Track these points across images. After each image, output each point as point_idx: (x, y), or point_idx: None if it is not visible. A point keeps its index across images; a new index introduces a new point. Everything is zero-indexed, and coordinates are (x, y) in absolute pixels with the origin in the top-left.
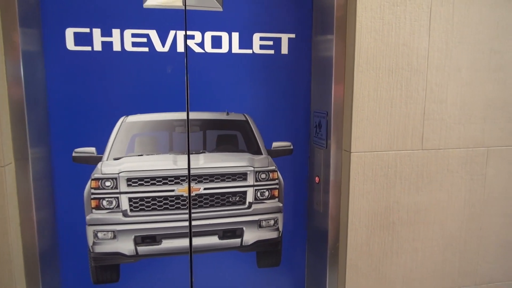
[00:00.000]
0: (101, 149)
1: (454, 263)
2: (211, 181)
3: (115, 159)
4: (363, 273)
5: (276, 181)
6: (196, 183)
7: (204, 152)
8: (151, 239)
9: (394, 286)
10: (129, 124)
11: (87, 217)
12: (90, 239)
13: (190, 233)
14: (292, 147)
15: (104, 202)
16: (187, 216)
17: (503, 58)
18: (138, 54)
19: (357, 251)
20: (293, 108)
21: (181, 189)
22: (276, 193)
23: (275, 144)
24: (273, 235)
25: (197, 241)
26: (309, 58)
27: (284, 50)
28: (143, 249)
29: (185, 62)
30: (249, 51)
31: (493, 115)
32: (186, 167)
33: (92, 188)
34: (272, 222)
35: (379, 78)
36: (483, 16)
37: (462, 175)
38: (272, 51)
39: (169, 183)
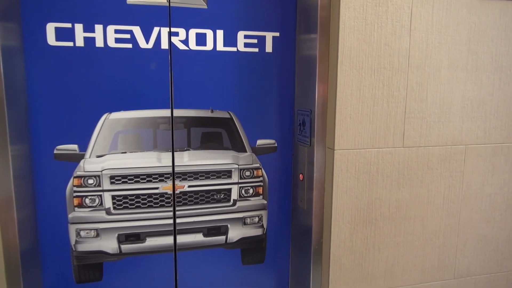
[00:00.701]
0: (83, 146)
1: (433, 257)
2: (196, 178)
3: (98, 156)
4: (346, 268)
5: (261, 179)
6: (180, 180)
7: (189, 150)
8: (135, 237)
9: (376, 280)
10: (112, 121)
11: (70, 216)
12: (73, 238)
13: (175, 231)
14: (276, 145)
15: (87, 200)
16: (171, 213)
17: (479, 58)
18: (121, 50)
19: (340, 247)
20: (277, 106)
21: (165, 187)
22: (260, 190)
23: (260, 142)
24: (257, 232)
25: (182, 239)
26: (293, 56)
27: (269, 48)
28: (126, 247)
29: (169, 59)
30: (234, 49)
31: (471, 114)
32: (171, 164)
33: (74, 186)
34: (256, 219)
35: (362, 77)
36: (461, 18)
37: (442, 171)
38: (256, 49)
39: (153, 180)
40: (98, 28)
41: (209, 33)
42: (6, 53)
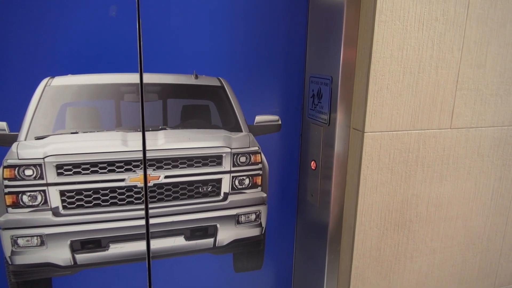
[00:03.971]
0: (15, 125)
1: (474, 264)
2: (175, 166)
3: (38, 138)
4: (371, 283)
5: (259, 166)
6: (154, 169)
7: (165, 129)
8: (94, 244)
9: None
10: (55, 89)
11: (1, 219)
12: (7, 248)
13: (148, 234)
14: (280, 122)
15: (25, 198)
16: (143, 212)
17: None
18: None
19: (365, 257)
20: (282, 71)
21: (134, 178)
22: (258, 180)
23: (259, 118)
24: (254, 232)
25: (157, 244)
26: (305, 4)
27: None
28: (83, 257)
29: (137, 0)
30: None
31: None
32: (141, 148)
33: (5, 179)
34: (253, 216)
35: (406, 31)
36: None
37: (494, 159)
38: None
39: (118, 170)
40: None
41: None
42: None
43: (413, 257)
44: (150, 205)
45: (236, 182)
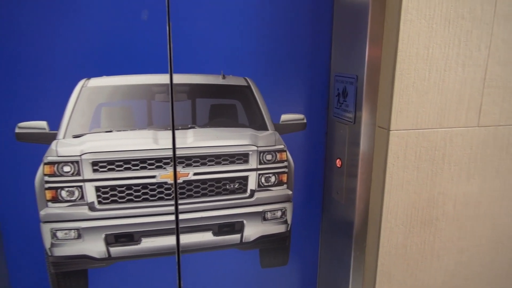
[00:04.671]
0: (55, 124)
1: (503, 264)
2: (203, 164)
3: (75, 136)
4: (397, 280)
5: (285, 164)
6: (183, 167)
7: (194, 127)
8: (127, 238)
9: None
10: (91, 90)
11: (41, 213)
12: (47, 240)
13: (177, 229)
14: (305, 121)
15: (63, 193)
16: (173, 208)
17: None
18: None
19: (391, 255)
20: (307, 71)
21: (164, 175)
22: (284, 178)
23: (284, 117)
24: (280, 229)
25: (186, 239)
26: (330, 3)
27: None
28: (117, 250)
29: (167, 4)
30: None
31: None
32: (171, 146)
33: (45, 175)
34: (279, 213)
35: (432, 30)
36: None
37: None
38: None
39: (149, 167)
40: None
41: None
42: None
43: (440, 255)
44: (179, 201)
45: (262, 180)
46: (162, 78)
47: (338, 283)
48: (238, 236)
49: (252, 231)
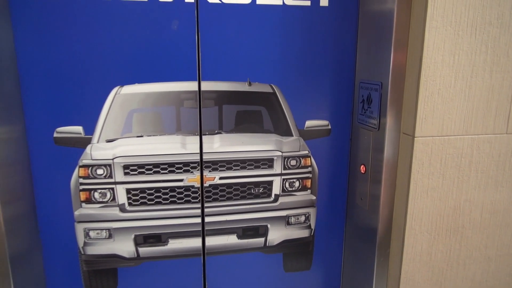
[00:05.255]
0: (90, 129)
1: None
2: (229, 169)
3: (108, 141)
4: None
5: (309, 169)
6: (210, 171)
7: (220, 133)
8: (155, 238)
9: None
10: (124, 97)
11: (76, 213)
12: (81, 239)
13: (203, 232)
14: (330, 127)
15: (96, 194)
16: (199, 211)
17: None
18: (135, 4)
19: (415, 262)
20: (332, 77)
21: (191, 179)
22: (308, 183)
23: (309, 123)
24: (303, 234)
25: (212, 241)
26: (355, 11)
27: (324, 1)
28: (145, 250)
29: (196, 16)
30: (279, 2)
31: None
32: (198, 151)
33: (80, 177)
34: (302, 218)
35: (458, 36)
36: None
37: None
38: (308, 2)
39: (177, 171)
40: None
41: None
42: None
43: (466, 264)
44: (205, 204)
45: (287, 185)
46: (190, 86)
47: (361, 287)
48: (262, 239)
49: (276, 235)
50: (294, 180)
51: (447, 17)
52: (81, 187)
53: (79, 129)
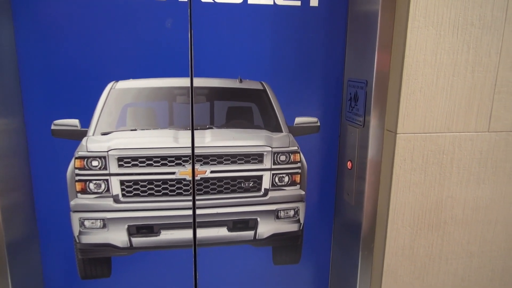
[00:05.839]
0: (86, 122)
1: None
2: (220, 162)
3: (103, 133)
4: (403, 281)
5: (298, 165)
6: (201, 165)
7: (212, 128)
8: (147, 229)
9: None
10: (119, 92)
11: (71, 203)
12: (76, 228)
13: (194, 224)
14: (319, 124)
15: (91, 185)
16: (190, 203)
17: None
18: (130, 3)
19: (397, 256)
20: (321, 76)
21: (183, 172)
22: (297, 178)
23: (299, 120)
24: (292, 227)
25: (203, 233)
26: (344, 12)
27: (314, 1)
28: (138, 240)
29: (189, 14)
30: (270, 2)
31: None
32: (190, 145)
33: (76, 168)
34: (292, 212)
35: (440, 36)
36: None
37: None
38: (298, 2)
39: (169, 164)
40: None
41: None
42: None
43: (449, 259)
44: (197, 197)
45: (276, 179)
46: (183, 82)
47: (347, 282)
48: (251, 232)
49: (265, 228)
50: (284, 175)
51: (429, 18)
52: (77, 178)
53: (75, 122)
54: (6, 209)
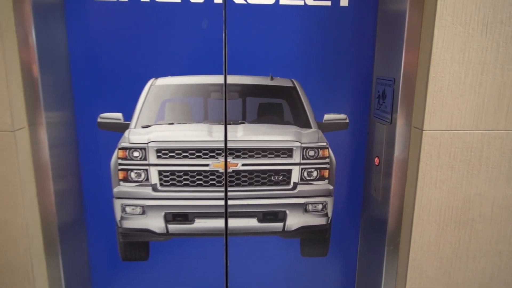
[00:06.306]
0: (128, 115)
1: None
2: (251, 156)
3: (144, 127)
4: (429, 276)
5: (327, 160)
6: (233, 158)
7: (244, 123)
8: (182, 217)
9: None
10: (158, 88)
11: (114, 190)
12: (118, 213)
13: (226, 214)
14: (347, 121)
15: (132, 174)
16: (222, 194)
17: None
18: (169, 6)
19: (422, 251)
20: (351, 74)
21: (216, 164)
22: (326, 173)
23: (328, 117)
24: (320, 221)
25: (234, 223)
26: (374, 12)
27: (344, 1)
28: (174, 227)
29: (224, 15)
30: (301, 2)
31: None
32: (223, 139)
33: (119, 158)
34: (320, 206)
35: (469, 35)
36: None
37: None
38: (328, 3)
39: (203, 156)
40: None
41: None
42: (40, 11)
43: (476, 257)
44: (229, 188)
45: (305, 174)
46: (217, 79)
47: (374, 276)
48: (280, 224)
49: (294, 221)
50: (312, 169)
51: (457, 16)
52: (120, 167)
53: (119, 115)
54: (59, 194)
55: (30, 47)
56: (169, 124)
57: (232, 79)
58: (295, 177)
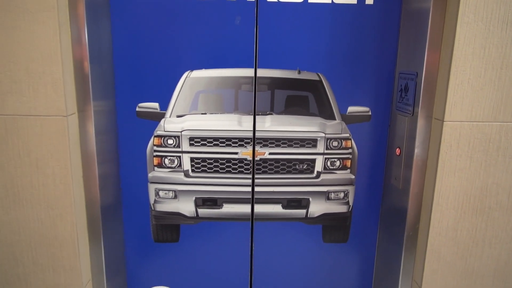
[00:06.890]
0: (165, 105)
1: None
2: (277, 145)
3: (178, 116)
4: (446, 261)
5: (349, 150)
6: (261, 147)
7: (271, 114)
8: (212, 202)
9: (483, 279)
10: (193, 80)
11: (149, 175)
12: (152, 197)
13: (253, 200)
14: (370, 113)
15: (166, 161)
16: (250, 181)
17: None
18: (205, 3)
19: (441, 236)
20: (375, 68)
21: (245, 152)
22: (348, 163)
23: (351, 109)
24: (342, 209)
25: (260, 209)
26: (398, 9)
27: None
28: (203, 211)
29: (255, 12)
30: (328, 1)
31: None
32: (251, 129)
33: (154, 145)
34: (341, 195)
35: (489, 31)
36: None
37: None
38: (354, 1)
39: (233, 145)
40: None
41: None
42: (90, 10)
43: (492, 243)
44: (256, 176)
45: (328, 163)
46: (248, 72)
47: (392, 260)
48: (304, 211)
49: (317, 208)
50: (335, 159)
51: (479, 14)
52: (155, 153)
53: (156, 105)
54: (102, 178)
55: (83, 44)
56: (202, 114)
57: (262, 73)
58: (318, 166)
